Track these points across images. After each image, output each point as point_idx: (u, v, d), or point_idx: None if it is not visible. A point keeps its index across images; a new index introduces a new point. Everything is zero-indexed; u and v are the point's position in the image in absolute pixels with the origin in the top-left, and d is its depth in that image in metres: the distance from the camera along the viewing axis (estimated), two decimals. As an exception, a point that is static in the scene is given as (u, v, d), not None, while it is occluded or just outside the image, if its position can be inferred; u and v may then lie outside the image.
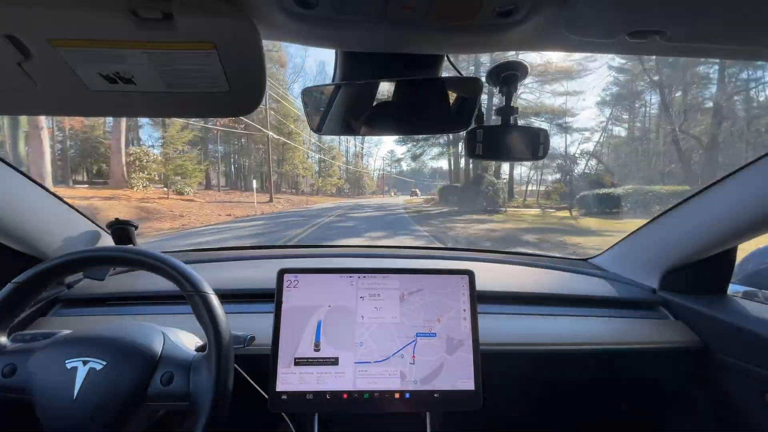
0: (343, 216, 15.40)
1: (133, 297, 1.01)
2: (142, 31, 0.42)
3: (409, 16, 0.46)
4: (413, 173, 74.60)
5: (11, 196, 0.84)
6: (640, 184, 14.06)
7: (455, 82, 0.69)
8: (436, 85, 0.69)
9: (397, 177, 75.33)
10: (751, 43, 0.50)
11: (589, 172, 19.79)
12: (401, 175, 74.98)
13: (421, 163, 78.67)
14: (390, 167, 69.82)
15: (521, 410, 1.12)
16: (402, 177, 74.05)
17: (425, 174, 76.82)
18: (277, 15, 0.45)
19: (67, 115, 0.65)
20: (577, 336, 0.96)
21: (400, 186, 73.47)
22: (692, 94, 17.67)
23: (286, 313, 0.75)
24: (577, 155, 21.86)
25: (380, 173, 67.58)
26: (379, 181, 65.29)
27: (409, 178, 72.74)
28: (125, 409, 0.59)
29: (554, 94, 21.95)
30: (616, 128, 23.64)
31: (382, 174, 67.82)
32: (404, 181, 73.97)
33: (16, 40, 0.42)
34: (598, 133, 23.33)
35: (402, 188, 72.12)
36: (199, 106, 0.57)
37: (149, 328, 0.68)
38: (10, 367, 0.61)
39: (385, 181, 68.77)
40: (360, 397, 0.71)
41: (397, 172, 74.95)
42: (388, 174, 71.43)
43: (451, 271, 0.80)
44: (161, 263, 0.64)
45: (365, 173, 56.96)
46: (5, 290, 0.62)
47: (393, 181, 73.51)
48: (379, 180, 65.55)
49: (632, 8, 0.43)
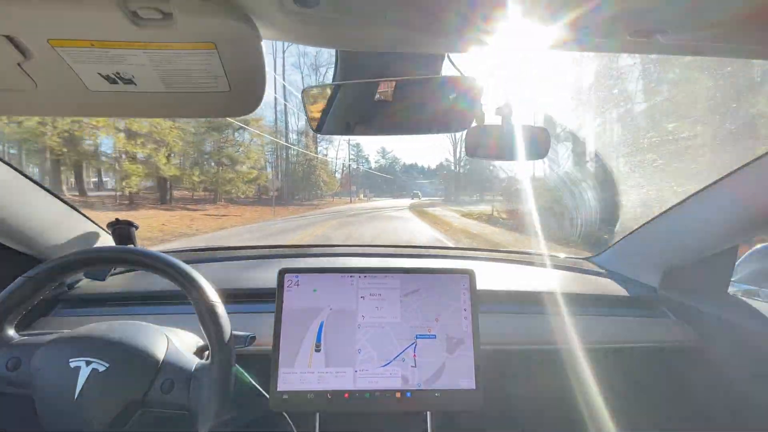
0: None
1: (134, 297, 1.01)
2: (141, 31, 0.42)
3: (409, 16, 0.46)
4: (383, 170, 60.74)
5: (12, 195, 0.84)
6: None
7: (456, 81, 0.69)
8: (437, 85, 0.69)
9: (378, 174, 58.04)
10: (753, 42, 0.50)
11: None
12: (381, 172, 59.44)
13: (392, 159, 65.10)
14: (356, 162, 50.75)
15: (522, 409, 1.12)
16: (382, 174, 58.80)
17: (399, 171, 63.64)
18: (277, 14, 0.45)
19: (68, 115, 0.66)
20: (577, 335, 0.96)
21: (375, 187, 56.44)
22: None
23: (287, 313, 0.75)
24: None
25: (344, 168, 45.88)
26: (344, 178, 44.71)
27: (384, 174, 58.79)
28: (123, 413, 0.59)
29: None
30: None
31: (347, 169, 46.28)
32: (386, 179, 58.99)
33: (16, 41, 0.42)
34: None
35: (377, 190, 55.57)
36: (200, 107, 0.57)
37: (153, 330, 0.68)
38: (14, 361, 0.62)
39: (352, 180, 47.86)
40: (361, 396, 0.71)
41: (374, 169, 59.20)
42: (357, 170, 51.45)
43: (452, 271, 0.80)
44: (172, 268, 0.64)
45: (321, 166, 32.12)
46: (16, 283, 0.62)
47: (361, 180, 53.20)
48: (344, 177, 44.84)
49: (633, 8, 0.43)
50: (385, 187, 58.74)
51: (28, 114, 0.61)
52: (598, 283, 1.18)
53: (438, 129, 0.78)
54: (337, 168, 43.27)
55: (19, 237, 0.89)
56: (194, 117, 0.66)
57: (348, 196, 41.04)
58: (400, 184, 60.34)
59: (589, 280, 1.20)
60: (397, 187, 58.49)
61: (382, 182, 58.69)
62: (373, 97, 0.70)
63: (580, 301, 1.08)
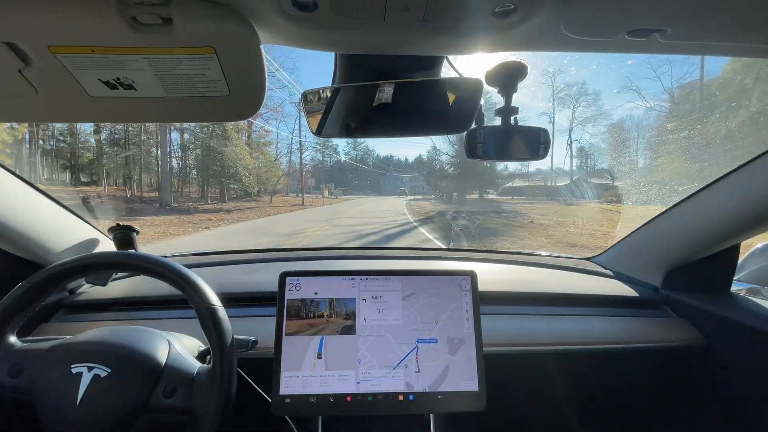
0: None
1: (135, 302, 1.01)
2: (141, 36, 0.42)
3: (408, 18, 0.46)
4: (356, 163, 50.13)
5: (11, 200, 0.84)
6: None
7: (455, 82, 0.69)
8: (436, 86, 0.69)
9: (358, 166, 47.96)
10: (752, 41, 0.50)
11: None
12: (354, 165, 47.09)
13: (364, 151, 52.59)
14: (322, 153, 39.79)
15: (525, 411, 1.12)
16: (358, 164, 48.35)
17: (373, 165, 51.41)
18: (276, 19, 0.45)
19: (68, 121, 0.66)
20: (580, 335, 0.96)
21: (344, 182, 46.22)
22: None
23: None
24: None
25: (290, 165, 30.64)
26: (300, 174, 29.80)
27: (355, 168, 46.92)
28: (126, 418, 0.59)
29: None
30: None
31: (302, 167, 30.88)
32: (361, 172, 47.13)
33: (17, 47, 0.43)
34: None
35: (347, 185, 45.33)
36: (200, 111, 0.57)
37: (155, 335, 0.68)
38: (17, 368, 0.62)
39: (316, 174, 35.37)
40: (364, 399, 0.71)
41: (344, 161, 47.57)
42: (323, 163, 40.19)
43: (453, 272, 0.80)
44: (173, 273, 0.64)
45: (247, 152, 20.88)
46: (18, 289, 0.63)
47: (328, 174, 42.22)
48: (297, 174, 30.22)
49: (632, 7, 0.43)
50: (356, 183, 49.54)
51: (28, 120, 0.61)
52: (599, 283, 1.18)
53: (438, 130, 0.78)
54: (285, 154, 30.22)
55: (20, 243, 0.89)
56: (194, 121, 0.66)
57: (312, 194, 29.76)
58: (375, 179, 51.19)
59: (591, 281, 1.19)
60: (371, 182, 49.51)
61: (353, 177, 49.67)
62: (373, 99, 0.70)
63: (581, 301, 1.08)
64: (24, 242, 0.89)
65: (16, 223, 0.85)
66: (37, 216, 0.91)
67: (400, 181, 49.20)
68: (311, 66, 60.99)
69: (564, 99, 33.32)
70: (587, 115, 32.79)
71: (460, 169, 25.24)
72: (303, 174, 30.07)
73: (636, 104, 30.18)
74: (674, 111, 22.45)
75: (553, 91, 33.75)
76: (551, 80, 33.55)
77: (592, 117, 32.91)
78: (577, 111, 32.60)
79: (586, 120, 32.85)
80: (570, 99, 33.00)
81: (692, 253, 1.01)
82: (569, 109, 33.32)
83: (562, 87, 34.89)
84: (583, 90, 34.03)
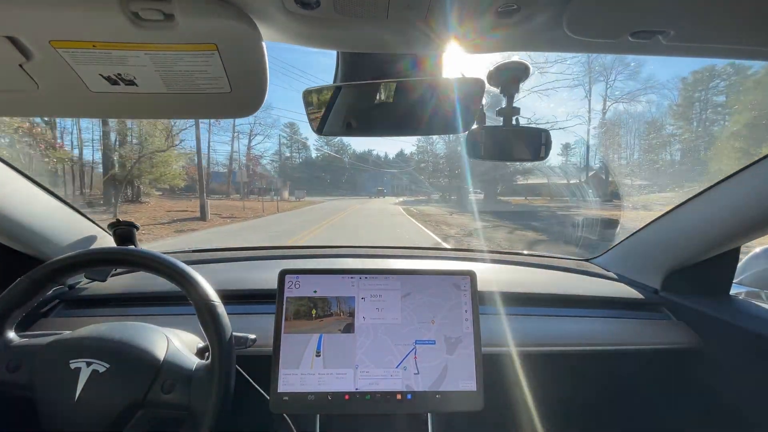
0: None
1: (134, 298, 1.01)
2: (143, 32, 0.42)
3: (411, 17, 0.45)
4: (328, 160, 41.31)
5: (13, 196, 0.84)
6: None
7: (457, 82, 0.69)
8: (438, 86, 0.69)
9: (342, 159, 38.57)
10: (755, 43, 0.50)
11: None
12: (327, 162, 39.23)
13: (338, 146, 43.86)
14: (289, 149, 30.99)
15: (523, 411, 1.12)
16: (335, 155, 39.45)
17: (348, 162, 43.22)
18: (278, 15, 0.45)
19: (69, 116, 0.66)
20: (579, 337, 0.96)
21: (308, 181, 37.72)
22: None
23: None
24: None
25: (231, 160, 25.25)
26: (243, 171, 24.44)
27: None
28: (124, 413, 0.60)
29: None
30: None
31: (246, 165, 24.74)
32: (337, 170, 38.62)
33: (18, 42, 0.42)
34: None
35: (312, 185, 36.93)
36: (201, 108, 0.57)
37: (153, 331, 0.68)
38: (15, 363, 0.62)
39: (252, 172, 26.83)
40: (362, 398, 0.71)
41: (315, 158, 38.97)
42: (290, 160, 31.66)
43: (453, 272, 0.80)
44: (171, 268, 0.64)
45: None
46: (16, 285, 0.63)
47: (290, 172, 35.10)
48: (240, 172, 24.50)
49: (635, 8, 0.43)
50: (330, 180, 39.68)
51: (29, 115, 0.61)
52: (599, 284, 1.18)
53: (439, 130, 0.78)
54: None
55: (20, 238, 0.89)
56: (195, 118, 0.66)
57: (266, 196, 21.88)
58: (351, 176, 42.37)
59: (590, 282, 1.19)
60: (347, 181, 40.87)
61: (326, 174, 40.24)
62: (374, 98, 0.70)
63: (580, 303, 1.08)
64: (24, 237, 0.89)
65: (17, 218, 0.85)
66: (38, 211, 0.91)
67: (380, 179, 42.64)
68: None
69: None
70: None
71: (463, 164, 20.59)
72: (250, 168, 21.04)
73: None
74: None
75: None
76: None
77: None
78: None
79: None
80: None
81: (692, 256, 1.01)
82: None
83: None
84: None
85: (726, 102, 22.81)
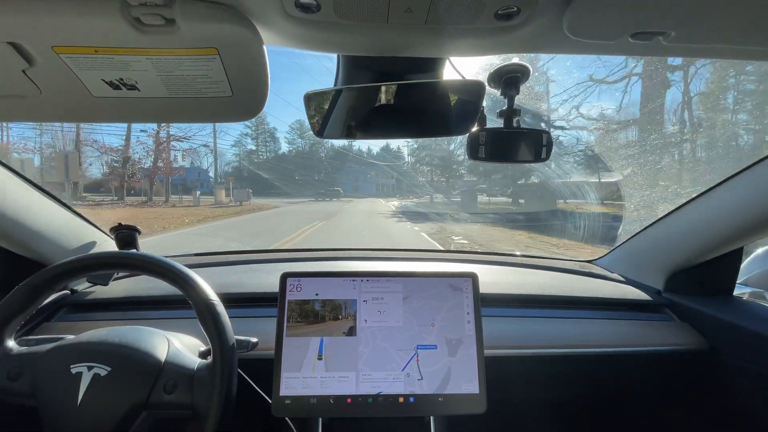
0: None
1: (137, 301, 1.01)
2: (145, 37, 0.42)
3: (411, 20, 0.46)
4: (303, 156, 35.43)
5: (13, 200, 0.84)
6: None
7: (457, 84, 0.69)
8: (438, 88, 0.69)
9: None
10: (755, 44, 0.50)
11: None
12: (302, 158, 34.15)
13: (312, 141, 34.40)
14: (256, 144, 27.03)
15: (526, 414, 1.11)
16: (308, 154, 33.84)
17: (325, 158, 36.96)
18: (278, 19, 0.45)
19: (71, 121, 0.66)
20: (581, 339, 0.95)
21: (282, 177, 29.33)
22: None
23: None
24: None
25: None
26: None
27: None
28: (128, 416, 0.59)
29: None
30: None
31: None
32: (306, 166, 33.12)
33: (21, 48, 0.43)
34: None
35: (289, 183, 27.83)
36: (202, 112, 0.57)
37: (154, 333, 0.68)
38: (16, 371, 0.62)
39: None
40: (364, 401, 0.71)
41: (288, 153, 33.45)
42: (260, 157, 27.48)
43: (455, 274, 0.80)
44: (170, 271, 0.64)
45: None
46: (13, 293, 0.62)
47: (266, 168, 30.01)
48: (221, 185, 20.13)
49: (635, 9, 0.43)
50: (302, 179, 32.31)
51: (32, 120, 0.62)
52: (601, 286, 1.17)
53: (440, 132, 0.78)
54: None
55: (22, 242, 0.89)
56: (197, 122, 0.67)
57: (189, 196, 17.31)
58: (329, 174, 35.99)
59: (593, 283, 1.19)
60: (323, 179, 34.81)
61: (298, 170, 33.77)
62: (375, 101, 0.70)
63: (583, 304, 1.08)
64: (26, 241, 0.90)
65: (18, 222, 0.86)
66: (40, 215, 0.91)
67: (362, 176, 36.56)
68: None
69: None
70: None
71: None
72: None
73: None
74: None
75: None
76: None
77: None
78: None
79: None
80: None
81: (695, 257, 1.01)
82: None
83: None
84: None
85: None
